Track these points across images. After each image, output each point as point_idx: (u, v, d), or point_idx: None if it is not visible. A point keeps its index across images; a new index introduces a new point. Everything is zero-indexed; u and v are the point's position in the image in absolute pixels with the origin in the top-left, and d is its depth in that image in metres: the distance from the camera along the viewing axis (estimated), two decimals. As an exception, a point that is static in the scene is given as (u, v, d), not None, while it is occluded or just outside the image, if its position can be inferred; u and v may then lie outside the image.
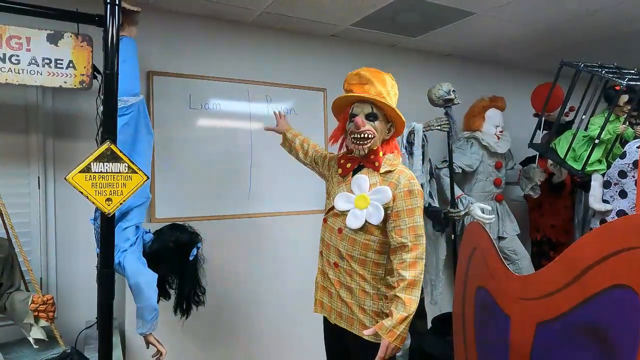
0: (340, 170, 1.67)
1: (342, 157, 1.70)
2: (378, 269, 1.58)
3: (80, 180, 1.37)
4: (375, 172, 1.58)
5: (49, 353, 1.64)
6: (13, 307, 1.63)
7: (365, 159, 1.61)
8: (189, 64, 2.50)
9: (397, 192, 1.52)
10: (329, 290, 1.67)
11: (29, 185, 2.11)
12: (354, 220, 1.54)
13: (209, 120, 2.56)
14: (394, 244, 1.51)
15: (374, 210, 1.52)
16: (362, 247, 1.56)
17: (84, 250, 2.21)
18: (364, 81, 1.58)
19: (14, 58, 1.64)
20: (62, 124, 2.19)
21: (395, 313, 1.44)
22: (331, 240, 1.63)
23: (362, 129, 1.55)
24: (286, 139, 2.00)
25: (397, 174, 1.55)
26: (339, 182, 1.66)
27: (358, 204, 1.54)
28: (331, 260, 1.63)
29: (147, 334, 1.70)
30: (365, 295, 1.57)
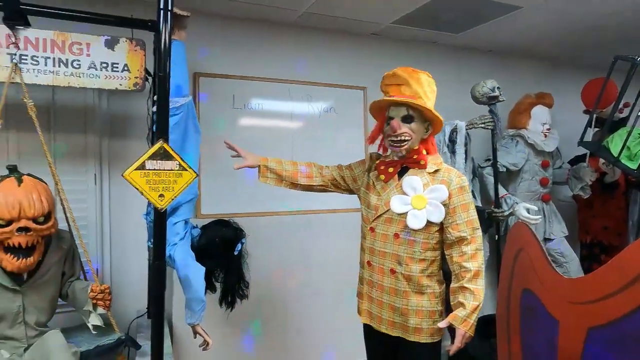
0: (383, 176, 1.66)
1: (381, 164, 1.69)
2: (435, 265, 1.62)
3: (135, 177, 1.45)
4: (423, 172, 1.60)
5: (105, 339, 1.74)
6: (74, 294, 1.75)
7: (408, 160, 1.63)
8: (233, 65, 2.58)
9: (451, 189, 1.56)
10: (378, 300, 1.65)
11: (87, 182, 2.25)
12: (415, 221, 1.54)
13: (251, 119, 2.64)
14: (451, 239, 1.56)
15: (434, 209, 1.54)
16: (422, 247, 1.57)
17: (135, 244, 2.34)
18: (400, 81, 1.59)
19: (76, 63, 1.76)
20: (115, 125, 2.33)
21: (467, 303, 1.51)
22: (386, 247, 1.61)
23: (399, 132, 1.57)
24: (269, 169, 1.77)
25: (447, 172, 1.60)
26: (383, 188, 1.65)
27: (416, 204, 1.55)
28: (386, 268, 1.61)
29: (195, 325, 1.78)
30: (422, 296, 1.59)
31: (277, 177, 1.78)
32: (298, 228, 2.73)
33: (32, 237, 1.56)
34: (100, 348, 1.70)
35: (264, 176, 1.77)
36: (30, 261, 1.58)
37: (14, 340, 1.61)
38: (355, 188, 1.79)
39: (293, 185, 1.80)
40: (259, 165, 1.76)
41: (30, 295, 1.65)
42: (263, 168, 1.77)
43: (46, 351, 1.53)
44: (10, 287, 1.60)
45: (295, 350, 2.75)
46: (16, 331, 1.62)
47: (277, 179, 1.78)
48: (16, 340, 1.61)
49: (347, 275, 2.74)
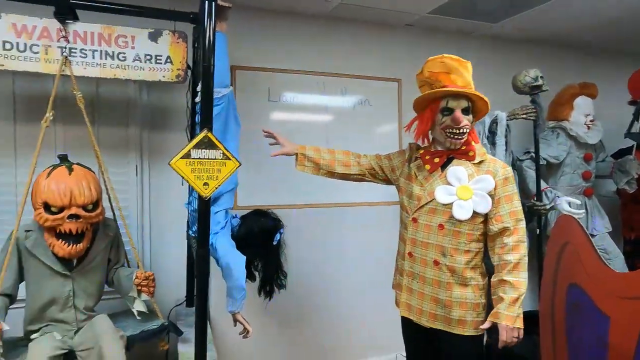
0: (429, 166, 1.62)
1: (425, 153, 1.66)
2: (479, 257, 1.59)
3: (181, 165, 1.48)
4: (467, 162, 1.58)
5: (149, 324, 1.78)
6: (119, 281, 1.80)
7: (456, 151, 1.60)
8: (268, 58, 2.60)
9: (497, 180, 1.54)
10: (419, 292, 1.62)
11: (128, 174, 2.31)
12: (462, 211, 1.51)
13: (286, 111, 2.65)
14: (494, 230, 1.53)
15: (480, 199, 1.51)
16: (466, 238, 1.55)
17: (173, 234, 2.39)
18: (448, 69, 1.54)
19: (121, 55, 1.80)
20: (155, 118, 2.37)
21: (505, 297, 1.47)
22: (429, 238, 1.58)
23: (462, 124, 1.54)
24: (306, 158, 1.74)
25: (492, 163, 1.59)
26: (426, 178, 1.62)
27: (461, 195, 1.52)
28: (429, 259, 1.57)
29: (236, 312, 1.80)
30: (466, 288, 1.56)
31: (315, 165, 1.75)
32: (333, 220, 2.74)
33: (81, 224, 1.61)
34: (144, 333, 1.74)
35: (302, 164, 1.75)
36: (79, 247, 1.63)
37: (65, 324, 1.68)
38: (393, 178, 1.76)
39: (330, 174, 1.77)
40: (296, 153, 1.75)
41: (79, 281, 1.71)
42: (300, 156, 1.75)
43: (96, 334, 1.58)
44: (61, 272, 1.66)
45: (331, 343, 2.76)
46: (67, 314, 1.68)
47: (314, 168, 1.75)
48: (67, 323, 1.68)
49: (383, 268, 2.73)
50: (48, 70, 1.72)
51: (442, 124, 1.56)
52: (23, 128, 2.12)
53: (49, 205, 1.58)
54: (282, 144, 1.77)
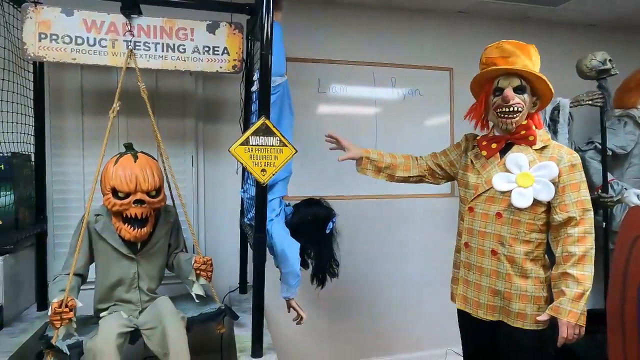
0: (485, 152, 1.57)
1: (482, 139, 1.60)
2: (540, 249, 1.51)
3: (240, 152, 1.51)
4: (528, 148, 1.50)
5: (207, 308, 1.84)
6: (179, 265, 1.87)
7: (515, 136, 1.53)
8: (318, 49, 2.60)
9: (561, 166, 1.45)
10: (476, 283, 1.57)
11: (185, 164, 2.40)
12: (521, 199, 1.45)
13: (335, 102, 2.65)
14: (558, 220, 1.44)
15: (542, 187, 1.44)
16: (526, 227, 1.48)
17: (227, 223, 2.46)
18: (507, 54, 1.49)
19: (181, 47, 1.86)
20: (210, 109, 2.45)
21: (568, 291, 1.38)
22: (487, 227, 1.53)
23: (512, 102, 1.47)
24: (369, 161, 1.78)
25: (556, 149, 1.50)
26: (483, 166, 1.57)
27: (521, 182, 1.46)
28: (486, 249, 1.53)
29: (290, 299, 1.82)
30: (526, 280, 1.49)
31: (376, 169, 1.78)
32: (382, 212, 2.71)
33: (146, 209, 1.69)
34: (203, 316, 1.80)
35: (364, 168, 1.78)
36: (144, 231, 1.71)
37: (131, 304, 1.76)
38: (453, 172, 1.73)
39: (390, 177, 1.79)
40: (361, 157, 1.77)
41: (143, 264, 1.79)
42: (365, 160, 1.77)
43: (159, 314, 1.66)
44: (127, 255, 1.75)
45: (382, 333, 2.74)
46: (132, 295, 1.77)
47: (375, 171, 1.78)
48: (132, 303, 1.76)
49: (435, 261, 2.69)
50: (114, 63, 1.81)
51: (494, 104, 1.52)
52: (90, 120, 2.26)
53: (116, 190, 1.66)
54: (347, 148, 1.80)
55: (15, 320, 1.92)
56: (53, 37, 1.74)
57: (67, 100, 2.23)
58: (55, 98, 2.21)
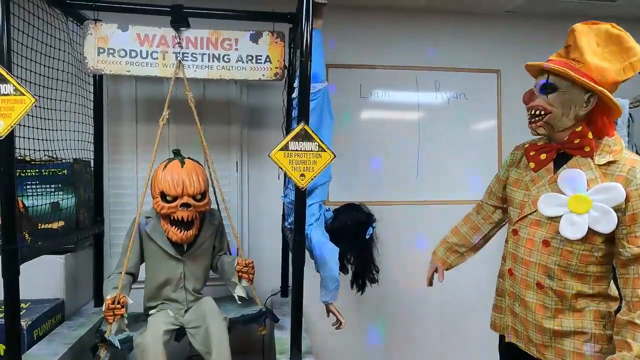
0: (533, 164, 1.35)
1: (531, 148, 1.38)
2: (601, 283, 1.27)
3: (280, 157, 1.55)
4: (590, 162, 1.24)
5: (248, 309, 1.89)
6: (222, 267, 1.93)
7: (567, 144, 1.28)
8: (360, 54, 2.61)
9: (631, 189, 1.18)
10: (522, 317, 1.37)
11: (229, 169, 2.48)
12: (572, 229, 1.21)
13: (378, 108, 2.64)
14: (627, 255, 1.19)
15: (601, 216, 1.19)
16: (580, 259, 1.25)
17: (269, 228, 2.51)
18: (569, 41, 1.28)
19: (226, 57, 1.94)
20: (254, 116, 2.52)
21: (636, 346, 1.14)
22: (531, 255, 1.32)
23: (530, 104, 1.30)
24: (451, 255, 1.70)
25: (627, 165, 1.20)
26: (534, 180, 1.34)
27: (574, 207, 1.22)
28: (531, 281, 1.32)
29: (329, 303, 1.83)
30: (582, 314, 1.28)
31: (456, 254, 1.68)
32: (425, 219, 2.65)
33: (191, 212, 1.76)
34: (244, 317, 1.85)
35: (448, 264, 1.70)
36: (190, 233, 1.79)
37: (177, 303, 1.84)
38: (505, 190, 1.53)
39: (475, 249, 1.68)
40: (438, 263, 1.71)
41: (189, 265, 1.86)
42: (442, 259, 1.70)
43: (203, 314, 1.72)
44: (174, 256, 1.83)
45: (421, 342, 2.68)
46: (178, 295, 1.85)
47: (459, 256, 1.69)
48: (178, 302, 1.84)
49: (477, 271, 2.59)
50: (164, 74, 1.91)
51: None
52: (143, 128, 2.40)
53: (164, 194, 1.75)
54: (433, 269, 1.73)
55: (75, 315, 2.07)
56: (110, 51, 1.87)
57: (123, 109, 2.39)
58: (112, 108, 2.37)
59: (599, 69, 1.22)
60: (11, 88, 1.42)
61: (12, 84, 1.42)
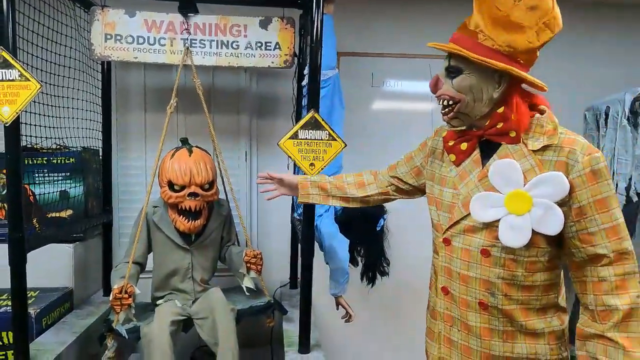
0: (454, 156, 1.12)
1: (449, 136, 1.14)
2: (550, 292, 1.06)
3: (289, 146, 1.51)
4: (522, 149, 1.01)
5: (256, 301, 1.86)
6: (230, 257, 1.91)
7: (488, 131, 1.05)
8: (371, 42, 2.54)
9: (574, 176, 0.95)
10: (463, 345, 1.11)
11: (238, 159, 2.45)
12: (513, 235, 0.99)
13: (389, 97, 2.58)
14: (581, 257, 0.98)
15: (544, 213, 0.97)
16: (526, 268, 1.02)
17: (278, 218, 2.48)
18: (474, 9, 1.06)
19: (235, 44, 1.89)
20: (263, 105, 2.48)
21: None
22: (470, 269, 1.06)
23: (437, 94, 1.08)
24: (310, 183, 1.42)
25: (566, 147, 0.97)
26: (461, 176, 1.10)
27: (512, 207, 0.99)
28: (472, 300, 1.07)
29: (339, 296, 1.79)
30: (536, 339, 1.05)
31: (322, 191, 1.41)
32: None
33: (199, 202, 1.74)
34: (252, 309, 1.82)
35: (305, 192, 1.42)
36: (198, 223, 1.76)
37: (185, 293, 1.82)
38: (421, 184, 1.31)
39: (345, 200, 1.41)
40: (297, 183, 1.43)
41: (197, 255, 1.84)
42: (303, 182, 1.43)
43: (210, 304, 1.70)
44: (182, 246, 1.81)
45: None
46: (186, 285, 1.83)
47: (322, 195, 1.41)
48: (186, 293, 1.82)
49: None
50: (172, 61, 1.88)
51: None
52: (151, 116, 2.37)
53: (172, 183, 1.72)
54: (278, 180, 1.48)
55: (84, 304, 2.07)
56: (117, 38, 1.84)
57: (131, 97, 2.36)
58: (120, 96, 2.34)
59: (505, 40, 0.99)
60: (16, 73, 1.39)
61: (17, 69, 1.39)
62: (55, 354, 1.57)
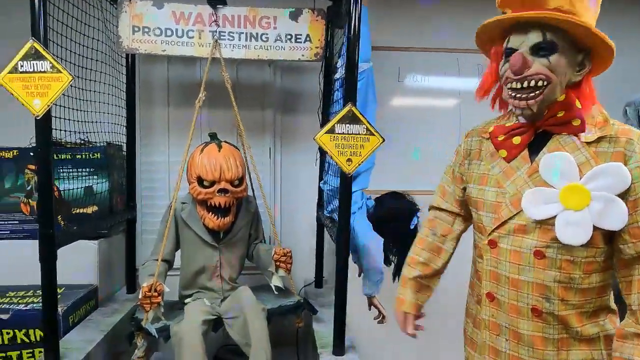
0: (505, 152, 1.04)
1: (497, 131, 1.07)
2: (604, 294, 1.01)
3: (325, 141, 1.45)
4: (574, 141, 0.96)
5: (285, 300, 1.81)
6: (258, 255, 1.86)
7: (547, 122, 0.99)
8: (398, 36, 2.48)
9: (632, 167, 0.91)
10: (513, 355, 1.04)
11: (263, 155, 2.40)
12: (573, 232, 0.93)
13: (416, 92, 2.52)
14: (630, 253, 0.93)
15: (605, 207, 0.91)
16: (584, 270, 0.96)
17: (302, 215, 2.43)
18: None
19: (264, 36, 1.84)
20: (288, 100, 2.42)
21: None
22: (521, 273, 1.00)
23: (526, 73, 0.94)
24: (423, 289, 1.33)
25: (622, 138, 0.93)
26: (506, 173, 1.03)
27: (569, 201, 0.93)
28: (523, 306, 1.00)
29: (372, 296, 1.74)
30: (592, 344, 1.00)
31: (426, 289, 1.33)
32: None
33: (229, 198, 1.69)
34: (282, 308, 1.78)
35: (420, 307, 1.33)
36: (227, 220, 1.72)
37: (213, 292, 1.78)
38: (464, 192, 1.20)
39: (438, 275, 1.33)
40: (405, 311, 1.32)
41: (225, 253, 1.80)
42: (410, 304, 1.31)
43: (240, 304, 1.65)
44: (210, 243, 1.77)
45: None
46: (214, 283, 1.79)
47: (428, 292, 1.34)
48: (214, 291, 1.78)
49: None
50: (200, 54, 1.83)
51: (503, 76, 1.00)
52: (175, 111, 2.33)
53: (201, 179, 1.68)
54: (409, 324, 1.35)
55: (108, 301, 2.04)
56: (145, 30, 1.80)
57: (154, 92, 2.32)
58: (144, 90, 2.30)
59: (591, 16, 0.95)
60: (48, 65, 1.36)
61: (48, 60, 1.35)
62: (85, 353, 1.54)
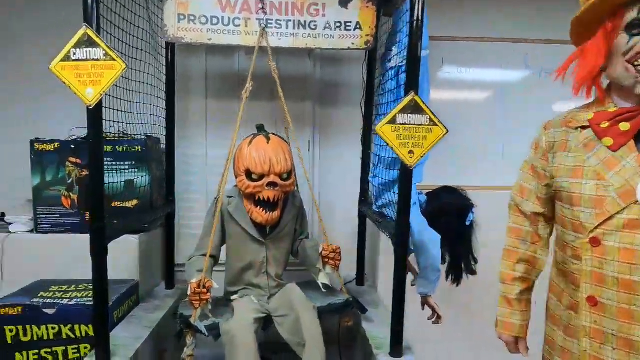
0: (611, 140, 0.97)
1: (599, 117, 0.99)
2: None
3: (387, 131, 1.38)
4: None
5: (335, 299, 1.75)
6: (304, 251, 1.80)
7: None
8: (441, 25, 2.38)
9: None
10: None
11: (302, 148, 2.31)
12: None
13: (459, 84, 2.43)
14: None
15: None
16: None
17: (341, 210, 2.37)
18: None
19: (312, 24, 1.77)
20: (327, 92, 2.35)
21: None
22: (633, 273, 0.92)
23: None
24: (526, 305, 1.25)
25: None
26: (608, 164, 0.96)
27: None
28: (637, 310, 0.93)
29: (428, 295, 1.67)
30: None
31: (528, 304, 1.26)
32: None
33: (277, 192, 1.63)
34: (331, 306, 1.71)
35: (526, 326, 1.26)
36: (275, 215, 1.66)
37: (259, 289, 1.73)
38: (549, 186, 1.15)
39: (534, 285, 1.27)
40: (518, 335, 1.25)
41: (272, 248, 1.74)
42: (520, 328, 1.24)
43: (291, 303, 1.59)
44: (257, 239, 1.71)
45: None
46: (260, 280, 1.73)
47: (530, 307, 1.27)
48: (261, 288, 1.73)
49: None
50: (247, 43, 1.77)
51: (627, 51, 0.92)
52: (212, 103, 2.28)
53: (250, 172, 1.62)
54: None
55: (148, 297, 2.00)
56: (191, 18, 1.74)
57: (192, 84, 2.27)
58: (181, 82, 2.25)
59: None
60: (101, 53, 1.30)
61: (102, 48, 1.30)
62: (133, 350, 1.49)
